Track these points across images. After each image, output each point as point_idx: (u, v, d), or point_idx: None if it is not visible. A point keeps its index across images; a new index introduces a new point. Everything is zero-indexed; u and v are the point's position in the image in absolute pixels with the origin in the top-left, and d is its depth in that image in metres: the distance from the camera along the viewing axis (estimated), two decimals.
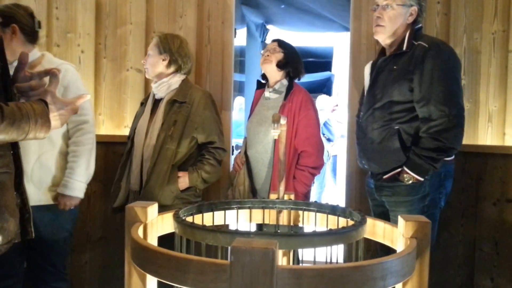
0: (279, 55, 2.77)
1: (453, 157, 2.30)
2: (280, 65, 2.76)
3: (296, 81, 2.84)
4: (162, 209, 2.28)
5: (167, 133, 2.47)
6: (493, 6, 2.84)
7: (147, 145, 2.51)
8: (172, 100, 2.52)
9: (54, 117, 1.36)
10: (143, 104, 2.73)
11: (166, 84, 2.56)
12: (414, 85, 2.20)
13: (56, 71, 1.39)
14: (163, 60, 2.56)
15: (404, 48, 2.28)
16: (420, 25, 2.36)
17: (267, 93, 2.82)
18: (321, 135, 2.88)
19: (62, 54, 3.13)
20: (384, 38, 2.36)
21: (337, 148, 6.38)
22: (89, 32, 3.18)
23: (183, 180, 2.50)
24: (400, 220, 1.27)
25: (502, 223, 2.77)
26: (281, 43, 2.83)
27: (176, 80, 2.58)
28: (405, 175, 2.22)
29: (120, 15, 3.18)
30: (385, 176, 2.31)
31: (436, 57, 2.19)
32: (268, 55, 2.78)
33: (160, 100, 2.60)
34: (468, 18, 2.86)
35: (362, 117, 2.42)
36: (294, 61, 2.81)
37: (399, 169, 2.25)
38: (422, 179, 2.20)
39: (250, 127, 2.85)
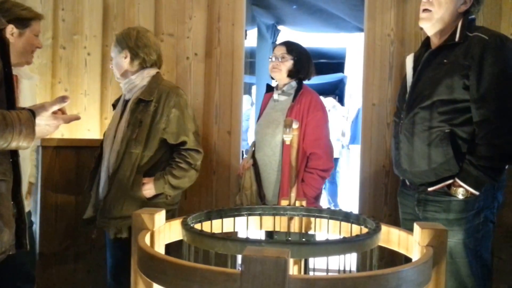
0: (289, 64, 2.69)
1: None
2: (290, 74, 2.70)
3: (307, 82, 2.79)
4: (125, 220, 2.25)
5: (131, 136, 2.27)
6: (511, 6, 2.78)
7: (113, 151, 2.32)
8: (137, 99, 2.30)
9: (40, 127, 1.37)
10: (115, 106, 2.53)
11: (133, 83, 2.35)
12: (471, 82, 1.90)
13: (66, 98, 1.41)
14: (125, 57, 2.35)
15: (457, 39, 1.96)
16: (473, 16, 2.06)
17: (275, 95, 2.77)
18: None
19: (68, 56, 3.13)
20: (430, 25, 2.04)
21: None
22: (96, 34, 3.16)
23: (148, 187, 2.28)
24: (416, 227, 1.23)
25: None
26: (289, 48, 2.73)
27: (143, 77, 2.36)
28: (458, 188, 1.91)
29: (128, 16, 3.16)
30: (431, 188, 2.00)
31: (498, 51, 1.88)
32: (277, 64, 2.70)
33: (129, 100, 2.38)
34: (485, 19, 2.80)
35: (404, 118, 2.09)
36: (305, 66, 2.73)
37: (450, 181, 1.95)
38: (477, 193, 1.90)
39: (258, 130, 2.81)
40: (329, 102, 6.88)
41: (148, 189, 2.27)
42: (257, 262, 0.87)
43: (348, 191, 6.64)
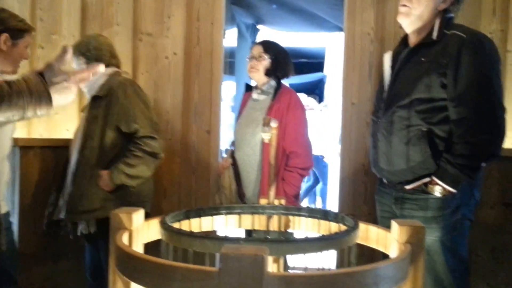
0: (266, 63, 2.70)
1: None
2: (268, 73, 2.71)
3: (287, 81, 2.80)
4: (89, 214, 2.28)
5: (88, 132, 2.34)
6: (492, 5, 2.82)
7: (75, 149, 2.39)
8: (93, 96, 2.40)
9: (56, 91, 1.27)
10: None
11: (91, 84, 2.43)
12: (448, 81, 1.89)
13: (67, 48, 1.31)
14: (82, 63, 2.48)
15: (435, 37, 1.96)
16: (452, 15, 2.04)
17: (255, 95, 2.77)
18: None
19: (46, 56, 3.08)
20: (408, 22, 2.03)
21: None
22: (74, 34, 3.12)
23: (104, 179, 2.30)
24: (394, 225, 1.24)
25: (499, 227, 2.75)
26: (266, 47, 2.74)
27: (100, 77, 2.43)
28: (435, 186, 1.92)
29: (107, 16, 3.13)
30: (409, 186, 2.00)
31: (476, 49, 1.88)
32: (254, 64, 2.71)
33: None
34: (466, 17, 2.83)
35: (382, 116, 2.09)
36: (282, 65, 2.73)
37: (427, 179, 1.95)
38: (455, 191, 1.90)
39: (237, 129, 2.81)
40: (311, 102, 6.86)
41: (105, 181, 2.30)
42: (235, 259, 0.87)
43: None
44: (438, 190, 1.92)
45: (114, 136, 2.35)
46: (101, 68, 1.38)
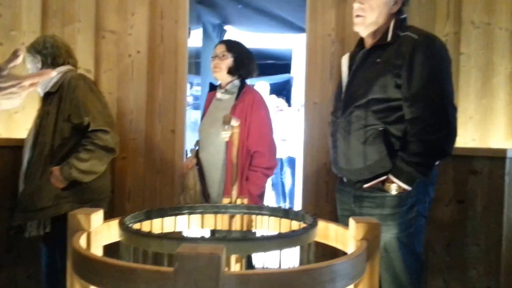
0: (229, 61, 2.70)
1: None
2: (231, 71, 2.71)
3: (251, 81, 2.81)
4: (42, 212, 2.23)
5: (39, 128, 2.31)
6: (446, 8, 2.91)
7: (27, 147, 2.35)
8: (46, 93, 2.39)
9: (3, 96, 1.23)
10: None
11: (46, 82, 2.39)
12: (402, 81, 1.93)
13: (18, 52, 1.28)
14: (38, 62, 2.45)
15: (389, 39, 2.00)
16: (405, 15, 2.09)
17: (219, 94, 2.77)
18: None
19: (6, 53, 2.99)
20: (363, 28, 2.08)
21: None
22: (35, 30, 3.03)
23: (55, 175, 2.24)
24: (351, 222, 1.25)
25: (454, 224, 2.82)
26: (229, 46, 2.74)
27: (54, 74, 2.35)
28: (391, 185, 1.95)
29: (68, 12, 3.06)
30: (366, 185, 2.03)
31: (428, 50, 1.93)
32: (217, 63, 2.71)
33: None
34: (421, 20, 2.91)
35: (341, 116, 2.11)
36: (245, 63, 2.73)
37: (384, 177, 1.98)
38: (410, 188, 1.94)
39: (202, 129, 2.80)
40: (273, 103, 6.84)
41: (56, 177, 2.24)
42: (191, 259, 0.86)
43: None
44: (394, 188, 1.95)
45: (66, 130, 2.30)
46: (52, 73, 1.36)
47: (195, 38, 4.85)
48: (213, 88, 2.89)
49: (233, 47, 2.74)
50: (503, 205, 2.63)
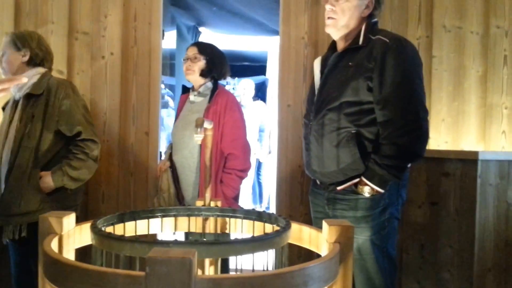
0: (201, 64, 2.69)
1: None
2: (203, 73, 2.70)
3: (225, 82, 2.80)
4: (24, 217, 2.21)
5: (24, 131, 2.26)
6: (417, 12, 2.96)
7: (6, 149, 2.28)
8: (28, 94, 2.31)
9: None
10: (4, 108, 2.51)
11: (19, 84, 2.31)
12: (373, 84, 1.94)
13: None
14: (23, 56, 2.37)
15: (360, 42, 2.01)
16: (376, 19, 2.11)
17: (192, 97, 2.75)
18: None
19: None
20: (335, 31, 2.09)
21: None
22: (7, 31, 2.98)
23: (46, 181, 2.25)
24: (324, 225, 1.26)
25: (427, 226, 2.86)
26: (201, 48, 2.73)
27: (33, 75, 2.35)
28: (364, 187, 1.96)
29: (41, 14, 3.03)
30: (339, 187, 2.03)
31: (399, 54, 1.94)
32: (189, 65, 2.70)
33: (20, 99, 2.37)
34: (394, 24, 2.95)
35: (313, 119, 2.11)
36: (218, 66, 2.73)
37: (356, 180, 1.99)
38: (382, 190, 1.95)
39: (175, 132, 2.78)
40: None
41: (46, 183, 2.24)
42: (162, 263, 0.86)
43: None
44: (367, 190, 1.96)
45: (52, 138, 2.29)
46: (23, 79, 1.36)
47: (169, 40, 4.82)
48: (186, 90, 2.87)
49: (205, 49, 2.73)
50: (475, 207, 2.67)
